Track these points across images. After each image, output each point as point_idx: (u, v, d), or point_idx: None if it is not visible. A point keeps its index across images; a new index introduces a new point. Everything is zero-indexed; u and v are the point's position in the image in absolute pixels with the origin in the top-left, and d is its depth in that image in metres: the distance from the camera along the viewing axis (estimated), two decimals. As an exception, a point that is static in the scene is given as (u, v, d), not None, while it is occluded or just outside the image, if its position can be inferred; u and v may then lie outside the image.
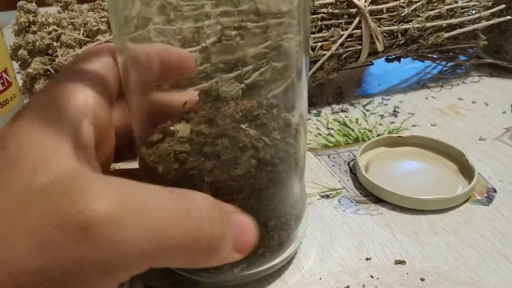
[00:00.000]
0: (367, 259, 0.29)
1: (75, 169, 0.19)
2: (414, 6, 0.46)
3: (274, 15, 0.25)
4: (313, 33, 0.43)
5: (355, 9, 0.44)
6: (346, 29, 0.43)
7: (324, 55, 0.43)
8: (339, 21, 0.44)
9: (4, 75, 0.32)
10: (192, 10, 0.24)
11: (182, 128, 0.25)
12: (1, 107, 0.32)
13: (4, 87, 0.32)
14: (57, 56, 0.35)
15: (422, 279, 0.27)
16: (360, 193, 0.35)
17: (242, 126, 0.24)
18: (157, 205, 0.19)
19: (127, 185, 0.19)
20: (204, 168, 0.24)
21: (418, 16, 0.46)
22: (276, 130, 0.25)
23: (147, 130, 0.25)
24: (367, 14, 0.43)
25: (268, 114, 0.25)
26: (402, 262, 0.29)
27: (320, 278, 0.28)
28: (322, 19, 0.43)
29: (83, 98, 0.22)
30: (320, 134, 0.42)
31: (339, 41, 0.43)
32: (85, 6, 0.44)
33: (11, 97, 0.33)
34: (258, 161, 0.23)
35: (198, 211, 0.19)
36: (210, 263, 0.20)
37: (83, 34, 0.38)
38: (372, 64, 0.51)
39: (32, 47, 0.37)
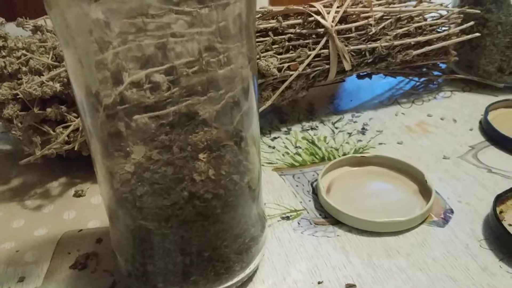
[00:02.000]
0: (319, 282, 0.30)
1: None
2: (382, 25, 0.47)
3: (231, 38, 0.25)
4: (280, 53, 0.43)
5: (322, 29, 0.44)
6: (314, 49, 0.44)
7: (291, 75, 0.43)
8: (307, 41, 0.44)
9: None
10: (158, 29, 0.24)
11: (136, 150, 0.26)
12: None
13: None
14: (22, 82, 0.36)
15: (370, 304, 0.28)
16: (320, 215, 0.35)
17: (200, 156, 0.25)
18: None
19: None
20: (137, 193, 0.25)
21: (386, 34, 0.47)
22: (227, 164, 0.25)
23: (111, 145, 0.26)
24: (334, 34, 0.44)
25: (231, 147, 0.26)
26: (352, 286, 0.29)
27: (272, 303, 0.29)
28: (290, 39, 0.44)
29: None
30: (287, 153, 0.43)
31: (306, 62, 0.43)
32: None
33: None
34: (190, 194, 0.24)
35: None
36: None
37: (52, 58, 0.39)
38: (344, 81, 0.51)
39: (1, 72, 0.38)
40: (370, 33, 0.46)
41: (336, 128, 0.46)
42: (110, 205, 0.27)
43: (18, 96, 0.37)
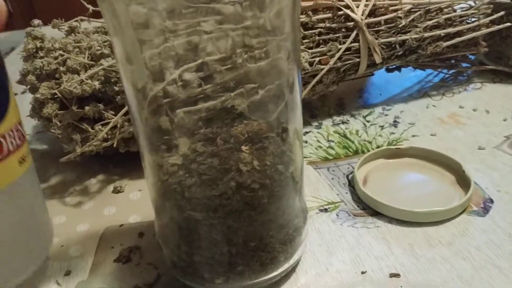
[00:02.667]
0: (362, 272, 0.30)
1: None
2: (411, 17, 0.46)
3: (270, 32, 0.26)
4: (311, 48, 0.44)
5: (352, 23, 0.45)
6: (344, 43, 0.44)
7: (322, 69, 0.43)
8: (337, 35, 0.44)
9: (19, 127, 0.29)
10: (188, 27, 0.25)
11: (182, 142, 0.26)
12: (20, 164, 0.28)
13: (21, 142, 0.28)
14: (62, 81, 0.37)
15: (416, 292, 0.28)
16: (358, 206, 0.35)
17: (243, 147, 0.26)
18: None
19: None
20: (185, 184, 0.25)
21: (416, 26, 0.47)
22: (271, 155, 0.26)
23: (157, 140, 0.27)
24: (364, 27, 0.44)
25: (274, 138, 0.26)
26: (396, 275, 0.29)
27: (316, 293, 0.29)
28: (320, 34, 0.44)
29: None
30: (320, 147, 0.43)
31: (337, 55, 0.44)
32: (91, 28, 0.45)
33: (27, 153, 0.29)
34: (237, 184, 0.25)
35: None
36: None
37: (87, 57, 0.39)
38: (373, 74, 0.51)
39: (39, 72, 0.39)
40: (400, 26, 0.46)
41: (368, 121, 0.46)
42: (157, 197, 0.28)
43: (56, 96, 0.38)
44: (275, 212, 0.27)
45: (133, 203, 0.38)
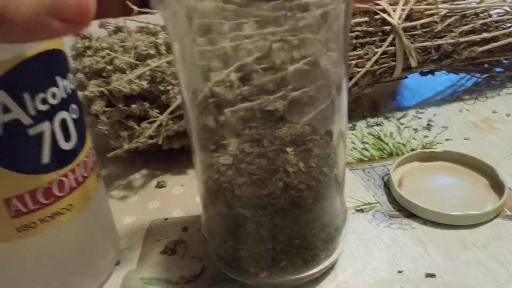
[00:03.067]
0: (399, 271, 0.31)
1: None
2: (447, 22, 0.47)
3: (312, 32, 0.27)
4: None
5: (388, 27, 0.45)
6: (380, 47, 0.45)
7: (358, 72, 0.44)
8: (373, 38, 0.45)
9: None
10: (231, 30, 0.26)
11: (232, 143, 0.28)
12: (97, 179, 0.30)
13: (95, 157, 0.29)
14: (112, 80, 0.38)
15: (452, 293, 0.29)
16: (394, 208, 0.36)
17: (288, 149, 0.27)
18: None
19: None
20: (236, 183, 0.27)
21: (452, 31, 0.47)
22: (316, 157, 0.27)
23: (206, 139, 0.28)
24: (401, 31, 0.45)
25: (318, 141, 0.27)
26: (432, 276, 0.31)
27: (355, 290, 0.30)
28: (357, 37, 0.45)
29: None
30: (355, 148, 0.44)
31: (374, 59, 0.45)
32: (133, 27, 0.47)
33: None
34: (285, 184, 0.26)
35: None
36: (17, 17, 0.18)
37: (133, 57, 0.41)
38: (407, 77, 0.52)
39: (88, 71, 0.41)
40: (436, 30, 0.47)
41: (401, 124, 0.47)
42: (206, 193, 0.29)
43: (103, 94, 0.40)
44: (319, 212, 0.28)
45: (175, 197, 0.39)
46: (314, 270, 0.30)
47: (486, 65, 0.52)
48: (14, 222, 0.25)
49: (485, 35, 0.48)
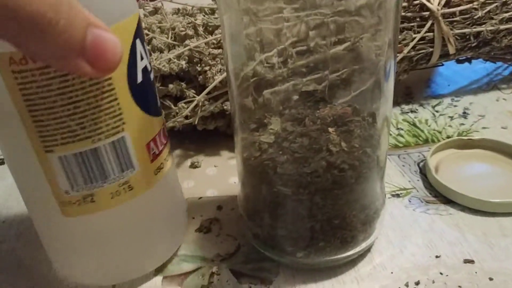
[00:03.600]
0: (436, 256, 0.31)
1: None
2: (488, 9, 0.46)
3: (354, 16, 0.26)
4: (385, 36, 0.44)
5: (427, 12, 0.45)
6: (418, 32, 0.44)
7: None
8: (412, 24, 0.45)
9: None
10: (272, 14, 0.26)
11: (274, 122, 0.28)
12: (169, 154, 0.30)
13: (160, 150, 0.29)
14: (151, 59, 0.39)
15: (491, 279, 0.29)
16: (430, 194, 0.36)
17: (330, 129, 0.27)
18: None
19: None
20: (278, 161, 0.27)
21: (492, 18, 0.46)
22: (358, 138, 0.27)
23: (248, 118, 0.28)
24: (440, 18, 0.44)
25: (360, 122, 0.27)
26: (471, 261, 0.30)
27: (392, 272, 0.30)
28: (395, 22, 0.45)
29: None
30: (390, 134, 0.43)
31: (411, 44, 0.44)
32: (169, 9, 0.47)
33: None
34: (328, 163, 0.26)
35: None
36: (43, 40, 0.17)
37: (171, 38, 0.41)
38: (443, 65, 0.51)
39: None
40: (475, 17, 0.46)
41: (437, 111, 0.46)
42: (246, 171, 0.29)
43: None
44: (360, 193, 0.28)
45: (209, 178, 0.40)
46: (352, 252, 0.29)
47: (524, 54, 0.51)
48: (153, 165, 0.27)
49: (526, 22, 0.47)
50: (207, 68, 0.39)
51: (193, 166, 0.41)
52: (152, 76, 0.27)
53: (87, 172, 0.25)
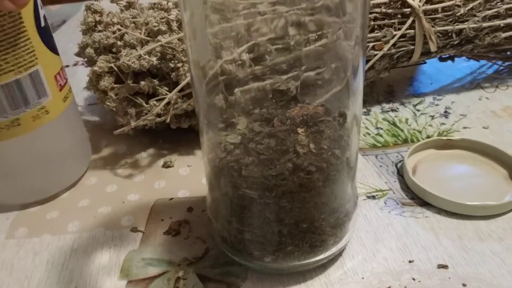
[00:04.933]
0: (410, 261, 0.30)
1: None
2: (470, 5, 0.45)
3: (330, 13, 0.25)
4: (365, 33, 0.43)
5: (409, 9, 0.44)
6: (399, 29, 0.43)
7: (375, 55, 0.43)
8: (392, 21, 0.44)
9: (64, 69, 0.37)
10: (246, 9, 0.25)
11: (241, 121, 0.27)
12: (69, 93, 0.37)
13: (66, 79, 0.37)
14: (121, 55, 0.37)
15: (464, 285, 0.28)
16: (406, 196, 0.35)
17: (299, 130, 0.26)
18: None
19: None
20: (243, 163, 0.25)
21: (475, 15, 0.45)
22: (328, 139, 0.26)
23: (215, 117, 0.27)
24: (421, 14, 0.43)
25: (330, 122, 0.26)
26: (444, 267, 0.29)
27: (363, 278, 0.29)
28: (375, 19, 0.44)
29: None
30: (368, 134, 0.43)
31: (392, 42, 0.43)
32: (145, 4, 0.46)
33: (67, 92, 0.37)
34: (294, 166, 0.25)
35: None
36: None
37: (144, 33, 0.40)
38: (425, 62, 0.50)
39: (98, 46, 0.40)
40: (458, 14, 0.45)
41: (418, 110, 0.45)
42: (212, 173, 0.28)
43: (112, 69, 0.39)
44: (329, 196, 0.27)
45: (182, 178, 0.38)
46: (321, 256, 0.29)
47: (508, 52, 0.50)
48: (61, 94, 0.35)
49: (509, 20, 0.46)
50: (180, 64, 0.38)
51: (166, 165, 0.40)
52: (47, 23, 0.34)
53: (12, 100, 0.32)
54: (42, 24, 0.33)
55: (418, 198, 0.35)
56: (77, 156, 0.39)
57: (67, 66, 0.58)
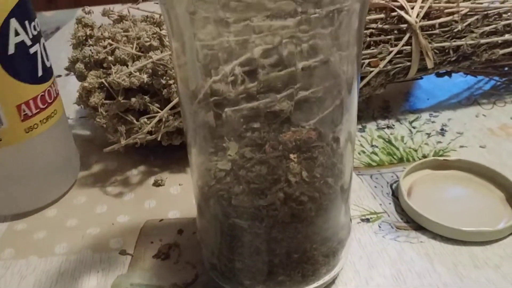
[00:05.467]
0: (404, 290, 0.29)
1: None
2: (468, 21, 0.45)
3: (324, 28, 0.25)
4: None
5: (405, 25, 0.43)
6: (396, 45, 0.43)
7: (371, 71, 0.42)
8: (389, 37, 0.43)
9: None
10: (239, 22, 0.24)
11: (232, 146, 0.26)
12: (60, 109, 0.37)
13: (57, 93, 0.37)
14: (111, 72, 0.37)
15: (459, 316, 0.27)
16: (401, 219, 0.34)
17: (291, 156, 0.25)
18: None
19: None
20: (233, 191, 0.25)
21: (472, 32, 0.45)
22: (321, 166, 0.25)
23: (204, 141, 0.26)
24: (418, 30, 0.42)
25: (324, 148, 0.25)
26: (439, 296, 0.29)
27: (356, 307, 0.28)
28: (371, 35, 0.43)
29: None
30: (363, 152, 0.42)
31: (388, 58, 0.42)
32: (138, 16, 0.45)
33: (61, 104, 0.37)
34: (286, 195, 0.24)
35: None
36: None
37: (136, 48, 0.39)
38: (422, 78, 0.50)
39: (88, 61, 0.39)
40: (455, 30, 0.44)
41: (414, 127, 0.45)
42: (202, 200, 0.27)
43: (103, 85, 0.38)
44: (321, 226, 0.26)
45: (173, 197, 0.38)
46: (314, 285, 0.28)
47: (506, 68, 0.50)
48: (23, 124, 0.34)
49: (507, 36, 0.45)
50: (171, 81, 0.37)
51: (157, 184, 0.39)
52: (34, 49, 0.33)
53: None
54: (11, 51, 0.31)
55: (413, 222, 0.34)
56: (63, 170, 0.39)
57: (59, 76, 0.57)
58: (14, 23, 0.31)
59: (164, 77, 0.37)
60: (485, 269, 0.30)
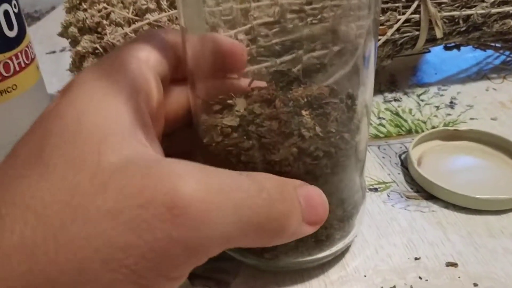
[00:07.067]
0: (416, 258, 0.27)
1: (144, 151, 0.19)
2: (479, -10, 0.43)
3: None
4: (368, 17, 0.41)
5: (414, -8, 0.41)
6: (404, 14, 0.41)
7: (378, 40, 0.40)
8: (396, 4, 0.41)
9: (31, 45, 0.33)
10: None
11: (239, 102, 0.24)
12: (37, 70, 0.34)
13: (33, 56, 0.33)
14: (106, 34, 0.35)
15: (475, 285, 0.26)
16: (411, 188, 0.33)
17: (303, 112, 0.23)
18: (235, 187, 0.19)
19: (203, 167, 0.19)
20: (242, 147, 0.23)
21: (483, 1, 0.43)
22: (335, 121, 0.23)
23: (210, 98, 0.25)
24: (427, -2, 0.41)
25: (337, 104, 0.24)
26: (454, 265, 0.27)
27: (365, 276, 0.27)
28: (379, 2, 0.41)
29: (141, 73, 0.21)
30: (370, 124, 0.40)
31: (396, 26, 0.41)
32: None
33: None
34: (300, 150, 0.22)
35: (267, 192, 0.20)
36: (281, 240, 0.21)
37: (132, 12, 0.37)
38: (429, 51, 0.48)
39: (82, 25, 0.37)
40: (465, -1, 0.42)
41: (422, 100, 0.43)
42: (206, 159, 0.26)
43: (97, 50, 0.36)
44: (337, 185, 0.24)
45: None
46: (327, 253, 0.26)
47: (516, 42, 0.48)
48: None
49: (519, 7, 0.43)
50: (169, 45, 0.35)
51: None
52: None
53: None
54: None
55: (423, 191, 0.32)
56: None
57: (54, 52, 0.55)
58: None
59: (162, 42, 0.35)
60: (501, 238, 0.29)
